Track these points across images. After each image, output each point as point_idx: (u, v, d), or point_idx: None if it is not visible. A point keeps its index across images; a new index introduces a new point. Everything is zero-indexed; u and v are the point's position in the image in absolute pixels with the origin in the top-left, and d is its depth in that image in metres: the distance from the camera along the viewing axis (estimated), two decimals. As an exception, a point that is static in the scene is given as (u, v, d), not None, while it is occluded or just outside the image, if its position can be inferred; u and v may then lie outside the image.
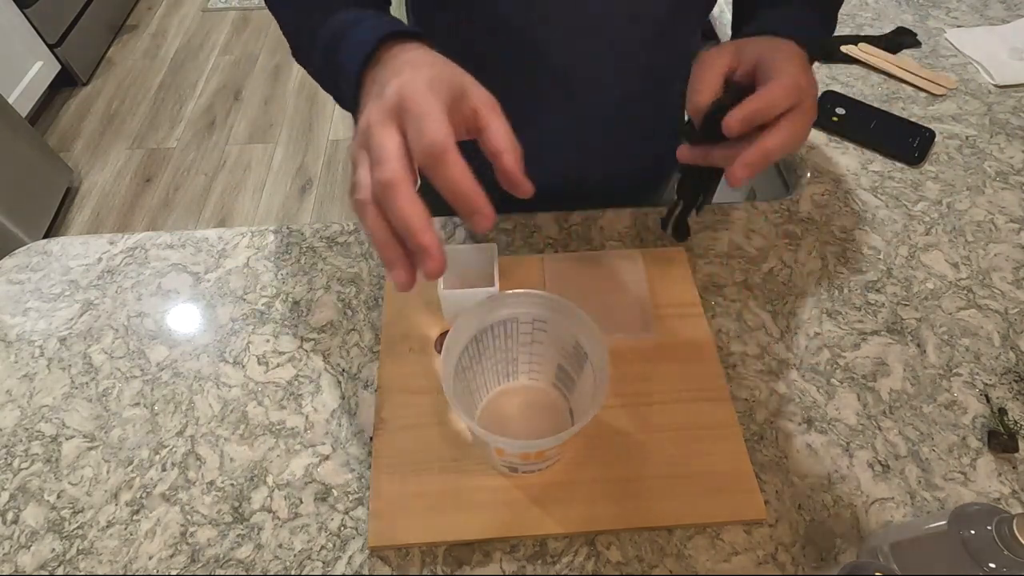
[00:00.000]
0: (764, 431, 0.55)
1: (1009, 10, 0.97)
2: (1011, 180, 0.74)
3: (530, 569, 0.48)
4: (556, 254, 0.67)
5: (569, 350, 0.49)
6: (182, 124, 2.29)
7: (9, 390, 0.58)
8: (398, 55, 0.41)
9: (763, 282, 0.65)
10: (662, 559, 0.49)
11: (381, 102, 0.36)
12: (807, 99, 0.44)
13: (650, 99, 0.69)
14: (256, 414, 0.56)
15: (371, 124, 0.36)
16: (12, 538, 0.50)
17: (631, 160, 0.74)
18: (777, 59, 0.45)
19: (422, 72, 0.37)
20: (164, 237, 0.70)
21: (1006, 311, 0.63)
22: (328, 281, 0.65)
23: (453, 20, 0.61)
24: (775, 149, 0.43)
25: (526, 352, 0.53)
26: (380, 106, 0.36)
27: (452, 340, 0.46)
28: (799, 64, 0.45)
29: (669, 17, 0.60)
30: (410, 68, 0.38)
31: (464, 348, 0.48)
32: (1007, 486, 0.52)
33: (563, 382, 0.54)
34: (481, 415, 0.55)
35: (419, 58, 0.39)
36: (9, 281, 0.66)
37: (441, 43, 0.67)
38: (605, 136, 0.69)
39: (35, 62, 2.16)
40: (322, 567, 0.49)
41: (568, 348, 0.49)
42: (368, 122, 0.36)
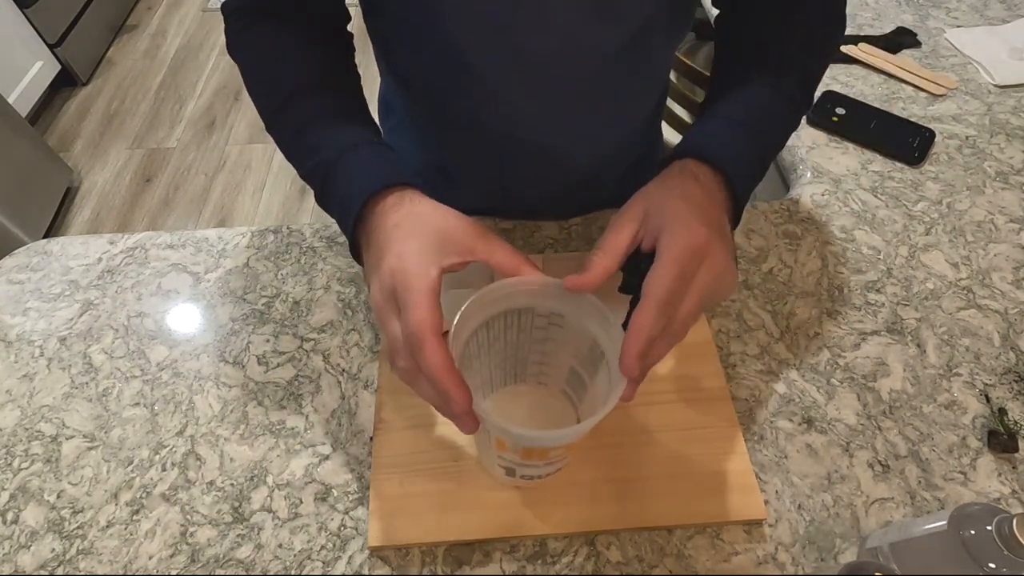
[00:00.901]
0: (764, 431, 0.55)
1: (1009, 10, 0.97)
2: (1011, 180, 0.74)
3: (530, 569, 0.48)
4: (556, 254, 0.67)
5: (584, 352, 0.46)
6: (182, 124, 2.29)
7: (9, 390, 0.58)
8: (386, 216, 0.44)
9: (763, 282, 0.65)
10: (662, 559, 0.49)
11: (381, 283, 0.41)
12: (698, 278, 0.41)
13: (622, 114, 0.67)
14: (256, 414, 0.56)
15: (379, 307, 0.41)
16: (12, 538, 0.50)
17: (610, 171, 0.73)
18: (672, 218, 0.43)
19: (410, 242, 0.41)
20: (164, 237, 0.70)
21: (1006, 311, 0.63)
22: (328, 281, 0.65)
23: (415, 54, 0.60)
24: (658, 356, 0.41)
25: (538, 351, 0.50)
26: (380, 287, 0.41)
27: (461, 322, 0.42)
28: (699, 213, 0.43)
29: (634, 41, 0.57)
30: (400, 236, 0.42)
31: (473, 332, 0.44)
32: (1007, 486, 0.52)
33: (574, 388, 0.51)
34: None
35: (405, 218, 0.43)
36: (9, 281, 0.66)
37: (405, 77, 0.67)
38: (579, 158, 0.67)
39: (35, 62, 2.16)
40: (322, 567, 0.49)
41: (583, 349, 0.46)
42: (376, 303, 0.42)
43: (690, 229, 0.42)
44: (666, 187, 0.46)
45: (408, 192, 0.46)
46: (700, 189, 0.46)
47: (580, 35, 0.55)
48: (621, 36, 0.57)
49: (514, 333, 0.47)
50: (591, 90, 0.60)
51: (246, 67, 0.55)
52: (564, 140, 0.65)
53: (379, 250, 0.42)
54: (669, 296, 0.40)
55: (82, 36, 2.37)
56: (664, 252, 0.41)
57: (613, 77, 0.60)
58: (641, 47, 0.59)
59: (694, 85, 1.28)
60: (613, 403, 0.39)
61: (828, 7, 0.57)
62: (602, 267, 0.43)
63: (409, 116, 0.71)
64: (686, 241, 0.41)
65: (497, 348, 0.48)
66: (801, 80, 0.56)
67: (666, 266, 0.41)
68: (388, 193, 0.45)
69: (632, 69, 0.62)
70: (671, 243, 0.41)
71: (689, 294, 0.41)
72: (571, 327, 0.46)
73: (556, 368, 0.52)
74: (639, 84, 0.66)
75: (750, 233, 0.69)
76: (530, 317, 0.46)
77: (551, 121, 0.62)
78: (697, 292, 0.41)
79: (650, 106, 0.72)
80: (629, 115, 0.69)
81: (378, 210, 0.45)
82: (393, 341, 0.40)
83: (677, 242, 0.41)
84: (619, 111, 0.66)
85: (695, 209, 0.43)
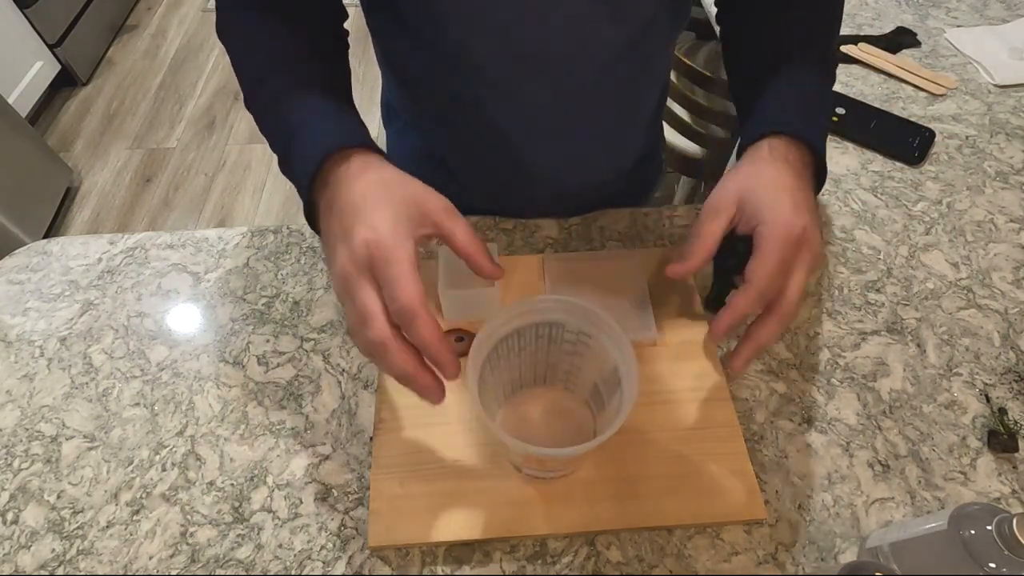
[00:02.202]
0: (764, 431, 0.55)
1: (1009, 10, 0.97)
2: (1011, 180, 0.74)
3: (530, 569, 0.48)
4: (556, 254, 0.67)
5: (607, 372, 0.47)
6: (182, 124, 2.29)
7: (9, 390, 0.58)
8: (352, 182, 0.43)
9: (763, 282, 0.65)
10: (662, 559, 0.49)
11: (352, 252, 0.40)
12: (800, 260, 0.45)
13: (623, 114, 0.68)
14: (256, 414, 0.56)
15: (348, 276, 0.40)
16: (12, 538, 0.50)
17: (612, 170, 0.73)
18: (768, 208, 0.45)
19: (383, 212, 0.40)
20: (164, 237, 0.70)
21: (1006, 311, 0.63)
22: (328, 281, 0.65)
23: (416, 51, 0.60)
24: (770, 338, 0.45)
25: (567, 361, 0.52)
26: (352, 258, 0.39)
27: (493, 325, 0.45)
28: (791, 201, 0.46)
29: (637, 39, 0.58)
30: (370, 205, 0.41)
31: (504, 337, 0.47)
32: (1007, 486, 0.52)
33: (596, 402, 0.52)
34: (508, 407, 0.55)
35: (372, 186, 0.42)
36: (9, 281, 0.66)
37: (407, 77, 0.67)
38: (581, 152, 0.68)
39: (35, 62, 2.16)
40: (322, 567, 0.49)
41: (606, 370, 0.47)
42: (345, 272, 0.40)
43: (788, 219, 0.45)
44: (759, 173, 0.48)
45: (372, 157, 0.45)
46: (791, 172, 0.48)
47: (584, 32, 0.55)
48: (624, 33, 0.57)
49: (545, 342, 0.50)
50: (594, 88, 0.61)
51: (233, 48, 0.55)
52: (567, 139, 0.65)
53: (347, 218, 0.41)
54: (770, 283, 0.44)
55: (82, 36, 2.37)
56: (765, 243, 0.44)
57: (616, 75, 0.61)
58: (644, 44, 0.60)
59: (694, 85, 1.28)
60: (606, 437, 0.41)
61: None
62: (701, 254, 0.47)
63: (412, 117, 0.71)
64: (786, 231, 0.44)
65: (528, 352, 0.50)
66: (826, 46, 0.59)
67: (768, 255, 0.44)
68: (350, 155, 0.44)
69: (635, 67, 0.62)
70: (772, 233, 0.44)
71: (793, 279, 0.45)
72: (597, 347, 0.48)
73: (582, 380, 0.53)
74: (641, 82, 0.66)
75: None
76: (560, 331, 0.49)
77: (554, 120, 0.63)
78: (801, 277, 0.45)
79: (651, 105, 0.72)
80: (631, 113, 0.69)
81: (340, 173, 0.44)
82: (363, 311, 0.39)
83: (778, 232, 0.44)
84: (622, 109, 0.67)
85: (790, 197, 0.46)
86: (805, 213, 0.45)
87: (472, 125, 0.64)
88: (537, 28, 0.54)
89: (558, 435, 0.54)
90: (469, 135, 0.66)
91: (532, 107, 0.61)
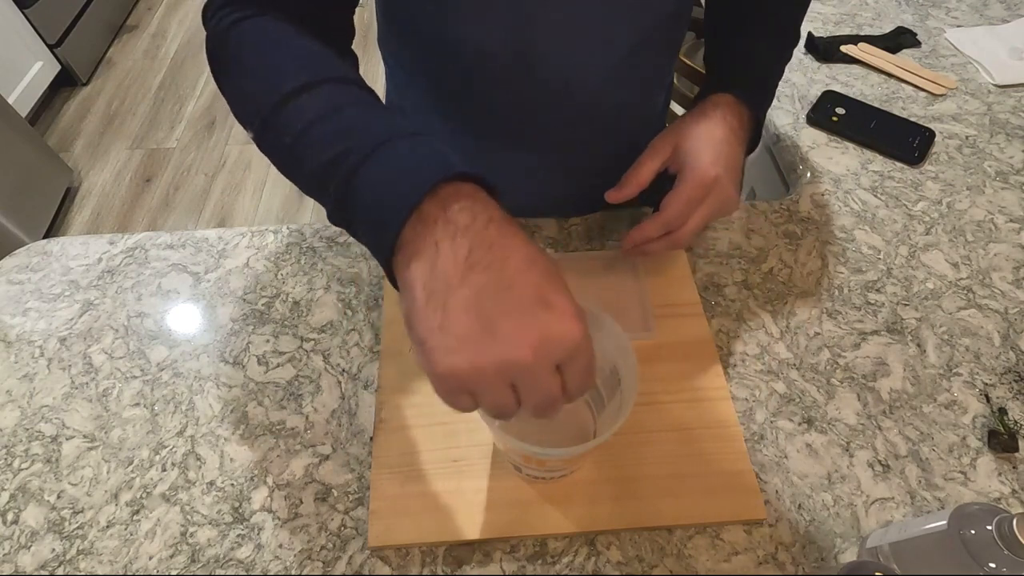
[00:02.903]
0: (764, 431, 0.55)
1: (1009, 10, 0.97)
2: (1011, 180, 0.74)
3: (530, 569, 0.48)
4: (556, 254, 0.67)
5: (606, 373, 0.48)
6: (182, 124, 2.29)
7: (9, 390, 0.58)
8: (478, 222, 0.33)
9: (763, 282, 0.65)
10: (662, 559, 0.49)
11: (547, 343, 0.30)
12: (706, 203, 0.54)
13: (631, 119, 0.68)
14: (256, 414, 0.56)
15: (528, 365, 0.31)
16: (12, 538, 0.50)
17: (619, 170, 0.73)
18: (693, 155, 0.55)
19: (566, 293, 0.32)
20: (164, 237, 0.70)
21: (1006, 311, 0.63)
22: (328, 281, 0.65)
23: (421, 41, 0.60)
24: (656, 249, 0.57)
25: None
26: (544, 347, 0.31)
27: None
28: (713, 153, 0.54)
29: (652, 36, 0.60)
30: (549, 281, 0.32)
31: None
32: (1007, 486, 0.52)
33: (596, 403, 0.53)
34: None
35: (536, 251, 0.33)
36: (9, 281, 0.66)
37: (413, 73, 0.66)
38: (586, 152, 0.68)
39: (35, 62, 2.16)
40: (322, 567, 0.49)
41: (605, 371, 0.48)
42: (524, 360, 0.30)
43: (705, 166, 0.54)
44: (696, 123, 0.57)
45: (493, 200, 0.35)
46: (725, 127, 0.56)
47: (592, 33, 0.56)
48: (634, 34, 0.57)
49: None
50: (601, 89, 0.61)
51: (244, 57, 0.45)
52: (572, 138, 0.65)
53: (497, 275, 0.31)
54: (676, 214, 0.54)
55: (82, 36, 2.37)
56: (681, 183, 0.54)
57: (627, 74, 0.61)
58: (652, 45, 0.60)
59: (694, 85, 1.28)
60: (606, 437, 0.41)
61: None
62: (634, 184, 0.57)
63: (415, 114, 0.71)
64: (701, 176, 0.53)
65: None
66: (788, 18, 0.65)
67: (680, 193, 0.54)
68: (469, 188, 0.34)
69: (643, 68, 0.62)
70: (688, 176, 0.54)
71: (695, 216, 0.54)
72: (596, 347, 0.46)
73: None
74: (650, 81, 0.66)
75: (750, 233, 0.69)
76: None
77: (559, 119, 0.63)
78: (700, 215, 0.54)
79: (657, 105, 0.72)
80: (638, 113, 0.69)
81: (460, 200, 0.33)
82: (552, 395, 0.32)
83: (694, 175, 0.54)
84: (629, 109, 0.67)
85: (713, 148, 0.55)
86: (722, 165, 0.54)
87: (476, 122, 0.64)
88: (544, 27, 0.54)
89: (558, 435, 0.54)
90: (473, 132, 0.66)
91: (536, 106, 0.61)
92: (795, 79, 0.87)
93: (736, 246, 0.68)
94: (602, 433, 0.41)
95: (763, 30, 0.64)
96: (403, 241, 0.33)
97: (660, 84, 0.69)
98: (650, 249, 0.57)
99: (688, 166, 0.54)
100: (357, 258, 0.67)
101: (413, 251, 0.32)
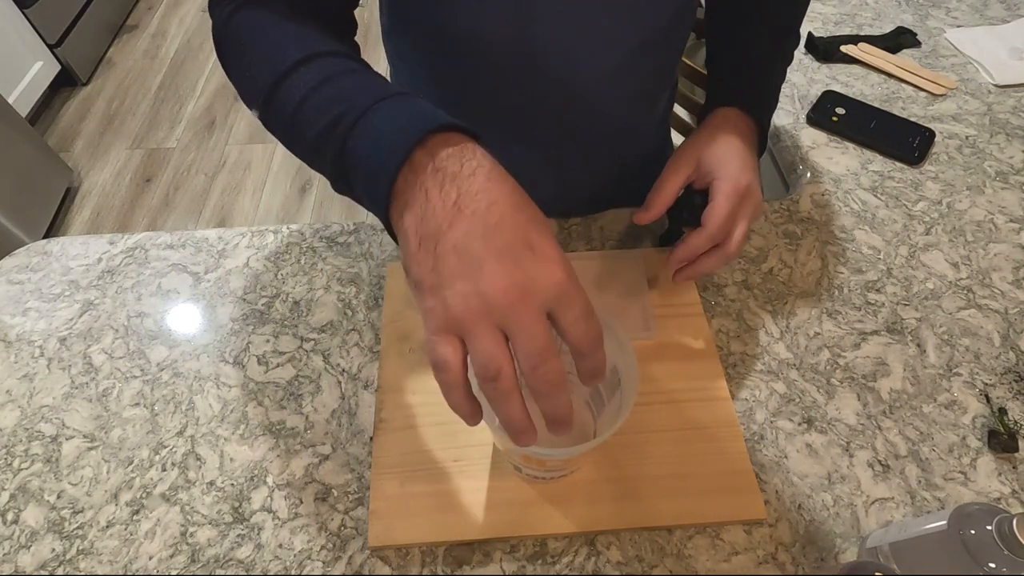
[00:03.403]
0: (764, 431, 0.55)
1: (1009, 10, 0.97)
2: (1011, 180, 0.74)
3: (530, 569, 0.48)
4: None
5: (607, 373, 0.48)
6: (182, 124, 2.29)
7: (9, 390, 0.58)
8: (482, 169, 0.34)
9: (763, 282, 0.65)
10: (662, 559, 0.49)
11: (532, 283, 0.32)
12: (743, 211, 0.55)
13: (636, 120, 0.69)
14: (256, 414, 0.56)
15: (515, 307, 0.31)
16: (12, 538, 0.50)
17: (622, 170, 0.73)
18: (721, 166, 0.55)
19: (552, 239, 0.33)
20: (164, 237, 0.70)
21: (1006, 311, 0.63)
22: (328, 281, 0.65)
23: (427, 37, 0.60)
24: (712, 268, 0.56)
25: (567, 362, 0.51)
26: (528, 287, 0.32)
27: None
28: (739, 162, 0.55)
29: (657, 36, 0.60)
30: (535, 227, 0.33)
31: None
32: (1007, 486, 0.52)
33: (595, 403, 0.53)
34: None
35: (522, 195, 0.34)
36: (9, 281, 0.66)
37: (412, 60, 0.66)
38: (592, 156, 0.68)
39: (35, 62, 2.16)
40: (322, 567, 0.49)
41: (607, 371, 0.48)
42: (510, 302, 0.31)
43: (737, 175, 0.55)
44: (713, 137, 0.58)
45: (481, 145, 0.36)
46: (739, 137, 0.57)
47: (597, 32, 0.56)
48: (642, 30, 0.57)
49: None
50: (606, 88, 0.61)
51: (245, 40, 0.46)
52: (577, 136, 0.65)
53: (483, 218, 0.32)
54: (721, 227, 0.54)
55: (82, 36, 2.37)
56: (718, 194, 0.54)
57: (629, 72, 0.61)
58: (657, 45, 0.60)
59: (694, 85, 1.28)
60: (606, 437, 0.41)
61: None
62: (661, 204, 0.57)
63: None
64: (735, 185, 0.54)
65: None
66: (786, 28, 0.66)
67: (721, 205, 0.54)
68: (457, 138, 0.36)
69: (647, 68, 0.62)
70: (724, 187, 0.54)
71: (739, 225, 0.55)
72: None
73: None
74: (652, 81, 0.66)
75: (750, 233, 0.69)
76: None
77: (564, 118, 0.63)
78: (745, 225, 0.55)
79: (661, 106, 0.72)
80: (641, 114, 0.69)
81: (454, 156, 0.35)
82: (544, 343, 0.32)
83: (729, 186, 0.54)
84: (632, 108, 0.67)
85: (738, 157, 0.56)
86: (750, 171, 0.55)
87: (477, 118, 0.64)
88: (544, 20, 0.54)
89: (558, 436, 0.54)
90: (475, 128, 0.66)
91: (538, 101, 0.61)
92: (795, 79, 0.87)
93: (736, 246, 0.68)
94: (602, 433, 0.41)
95: (764, 31, 0.64)
96: (396, 192, 0.35)
97: (663, 85, 0.69)
98: (703, 268, 0.56)
99: (719, 178, 0.55)
100: (357, 258, 0.67)
101: (405, 201, 0.34)
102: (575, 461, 0.49)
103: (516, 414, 0.33)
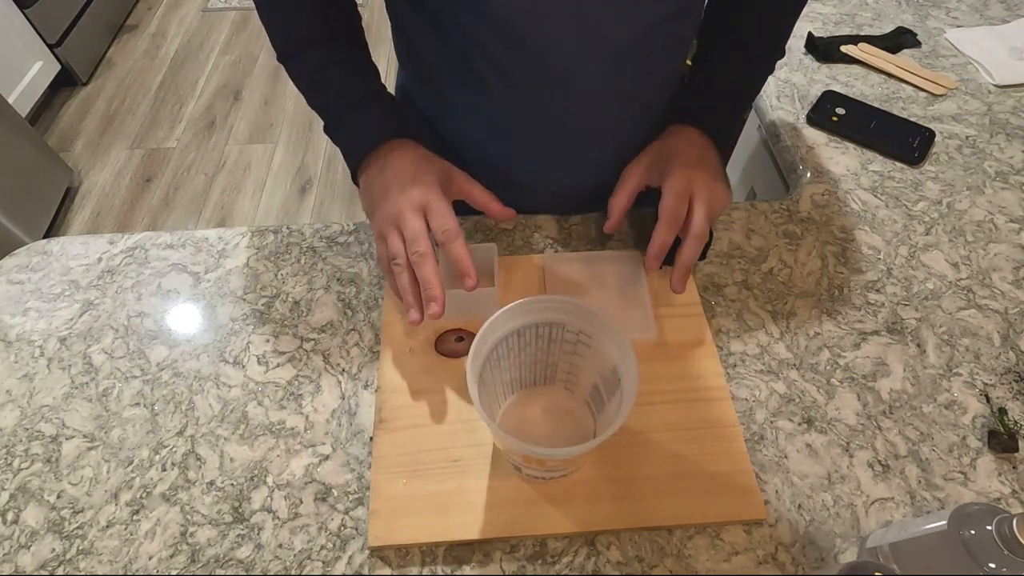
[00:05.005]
0: (764, 431, 0.55)
1: (1009, 10, 0.97)
2: (1011, 180, 0.74)
3: (530, 569, 0.48)
4: (556, 254, 0.67)
5: (607, 372, 0.48)
6: (182, 124, 2.29)
7: (9, 390, 0.58)
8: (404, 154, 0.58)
9: (763, 282, 0.65)
10: (662, 559, 0.49)
11: (409, 197, 0.54)
12: (697, 195, 0.58)
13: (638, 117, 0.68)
14: (256, 414, 0.56)
15: (402, 212, 0.53)
16: (12, 538, 0.50)
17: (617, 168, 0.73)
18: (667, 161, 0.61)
19: (431, 176, 0.56)
20: (164, 237, 0.70)
21: (1006, 311, 0.63)
22: (328, 281, 0.65)
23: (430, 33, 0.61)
24: (691, 256, 0.58)
25: (567, 361, 0.52)
26: (409, 200, 0.54)
27: (493, 325, 0.45)
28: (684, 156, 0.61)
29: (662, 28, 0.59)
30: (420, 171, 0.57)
31: (504, 338, 0.47)
32: (1007, 486, 0.52)
33: (595, 402, 0.53)
34: (508, 407, 0.55)
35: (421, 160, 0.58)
36: (9, 281, 0.66)
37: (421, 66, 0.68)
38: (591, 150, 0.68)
39: (35, 62, 2.16)
40: (322, 567, 0.49)
41: (606, 370, 0.48)
42: (399, 209, 0.54)
43: (681, 170, 0.59)
44: (665, 144, 0.63)
45: (415, 143, 0.60)
46: (692, 145, 0.63)
47: (597, 29, 0.56)
48: (641, 25, 0.57)
49: (545, 342, 0.51)
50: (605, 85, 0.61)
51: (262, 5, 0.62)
52: (577, 136, 0.65)
53: (402, 176, 0.56)
54: (673, 213, 0.57)
55: (82, 36, 2.37)
56: (665, 189, 0.59)
57: (629, 67, 0.61)
58: (658, 42, 0.60)
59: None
60: (606, 437, 0.41)
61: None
62: (620, 207, 0.62)
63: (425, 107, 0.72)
64: (680, 175, 0.59)
65: (528, 352, 0.51)
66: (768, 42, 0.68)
67: (668, 195, 0.58)
68: (401, 141, 0.60)
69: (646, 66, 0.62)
70: (670, 182, 0.59)
71: (695, 207, 0.57)
72: (596, 347, 0.49)
73: (582, 380, 0.53)
74: (654, 78, 0.66)
75: (750, 233, 0.69)
76: (560, 331, 0.49)
77: (565, 116, 0.63)
78: (701, 208, 0.57)
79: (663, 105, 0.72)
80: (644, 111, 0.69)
81: (393, 148, 0.59)
82: (414, 233, 0.52)
83: (674, 180, 0.59)
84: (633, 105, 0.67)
85: (684, 157, 0.61)
86: (694, 160, 0.60)
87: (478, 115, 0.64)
88: (549, 23, 0.54)
89: (558, 435, 0.54)
90: (478, 129, 0.66)
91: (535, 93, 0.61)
92: (795, 79, 0.87)
93: (736, 246, 0.68)
94: (602, 433, 0.41)
95: (749, 44, 0.67)
96: (359, 167, 0.61)
97: (667, 82, 0.69)
98: (684, 259, 0.58)
99: (668, 174, 0.59)
100: (357, 258, 0.67)
101: (364, 170, 0.60)
102: (575, 461, 0.49)
103: (405, 284, 0.53)
